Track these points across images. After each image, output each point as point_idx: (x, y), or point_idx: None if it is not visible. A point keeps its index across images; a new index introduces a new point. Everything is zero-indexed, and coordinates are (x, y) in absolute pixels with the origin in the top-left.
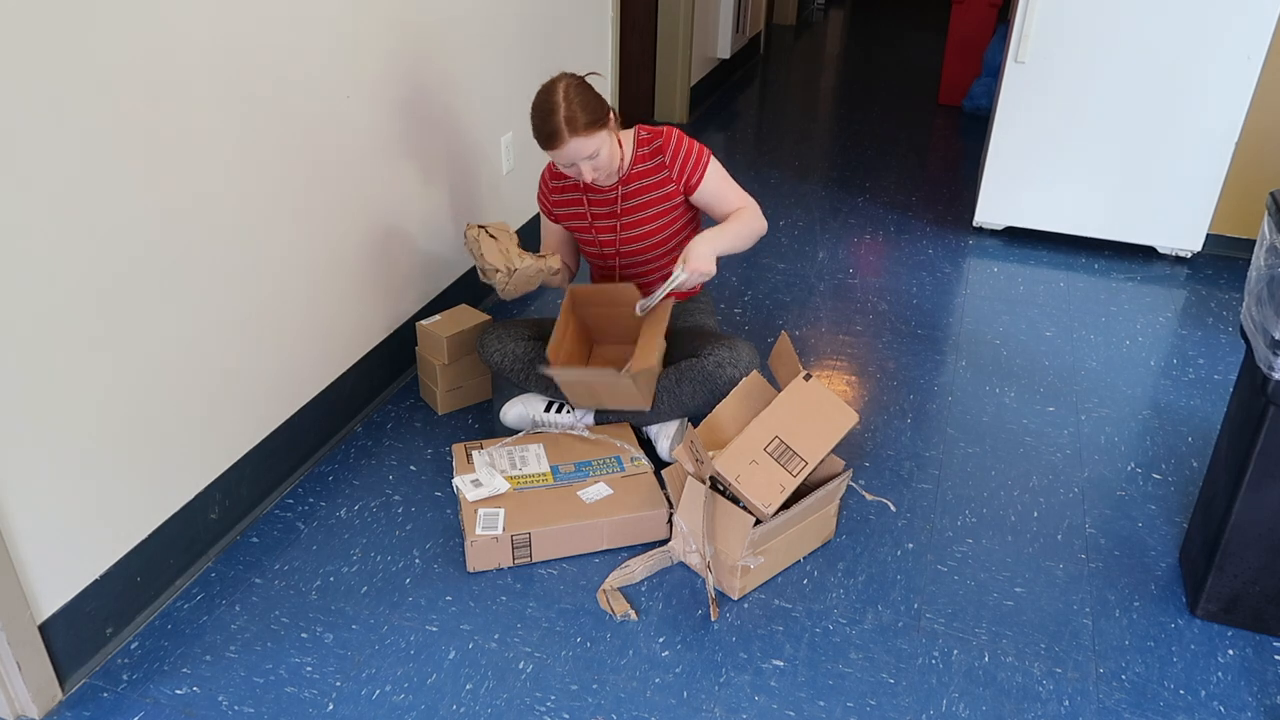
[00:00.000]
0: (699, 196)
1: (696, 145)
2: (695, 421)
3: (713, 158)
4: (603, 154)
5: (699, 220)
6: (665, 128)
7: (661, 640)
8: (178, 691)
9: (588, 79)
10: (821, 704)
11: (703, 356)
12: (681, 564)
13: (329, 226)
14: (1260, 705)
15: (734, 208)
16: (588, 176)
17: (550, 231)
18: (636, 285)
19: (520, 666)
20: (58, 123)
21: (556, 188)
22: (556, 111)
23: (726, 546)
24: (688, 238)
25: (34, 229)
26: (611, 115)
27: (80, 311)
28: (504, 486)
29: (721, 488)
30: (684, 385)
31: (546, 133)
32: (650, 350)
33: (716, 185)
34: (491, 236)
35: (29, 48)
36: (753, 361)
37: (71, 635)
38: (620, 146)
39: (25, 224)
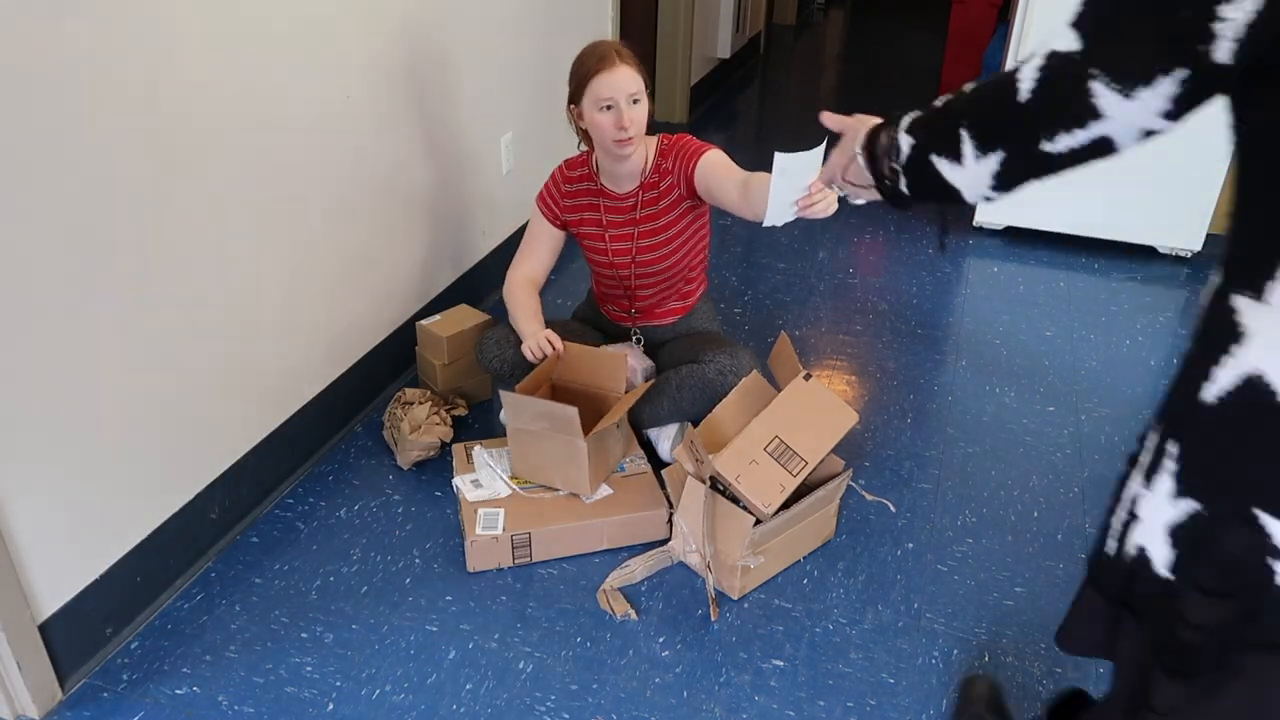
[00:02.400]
0: (700, 178)
1: (697, 140)
2: (695, 422)
3: (713, 149)
4: (641, 106)
5: (709, 237)
6: (680, 134)
7: (661, 640)
8: (178, 691)
9: None
10: (821, 704)
11: (704, 363)
12: (681, 564)
13: (329, 226)
14: None
15: (739, 176)
16: (625, 120)
17: (540, 236)
18: (638, 332)
19: (520, 666)
20: (59, 127)
21: (570, 192)
22: (608, 43)
23: (726, 546)
24: (700, 256)
25: (34, 231)
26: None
27: (80, 312)
28: (505, 491)
29: (721, 488)
30: (684, 391)
31: (599, 54)
32: (615, 415)
33: (715, 164)
34: (407, 405)
35: (30, 53)
36: (753, 370)
37: (71, 635)
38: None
39: (25, 226)
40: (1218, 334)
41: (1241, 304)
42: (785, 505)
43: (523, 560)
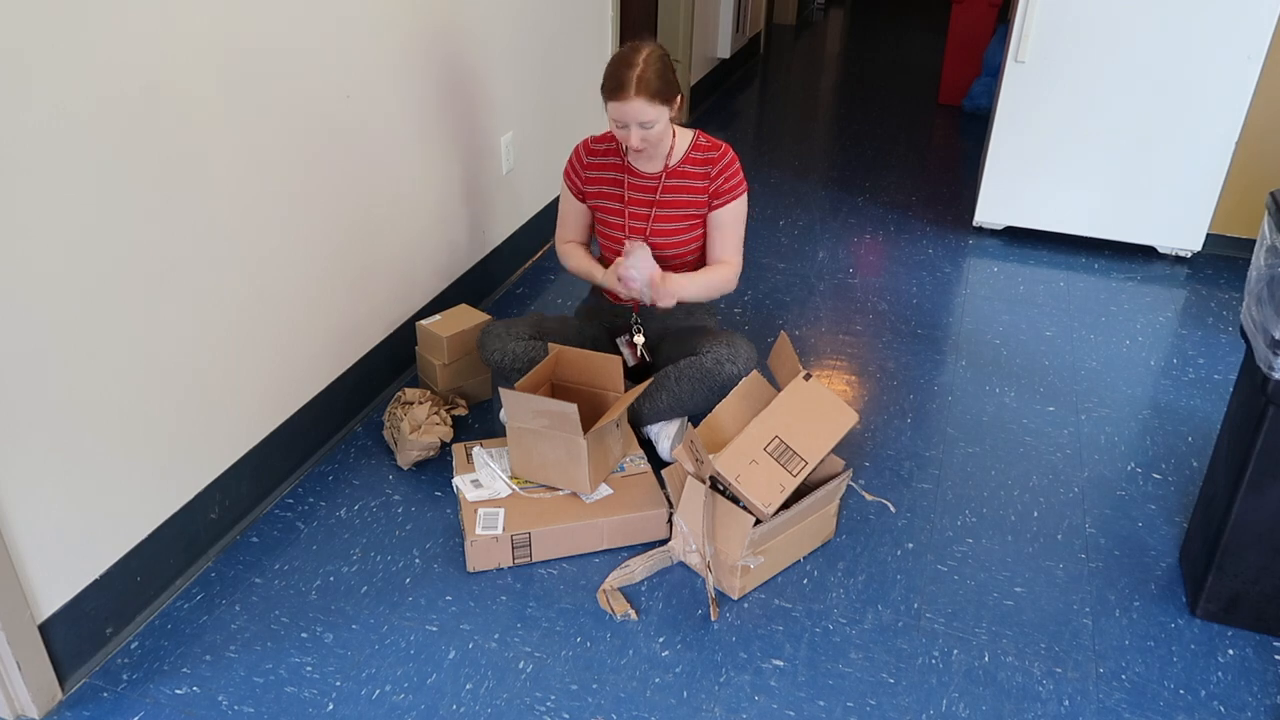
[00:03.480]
0: (713, 217)
1: (741, 174)
2: (695, 421)
3: (746, 195)
4: (656, 128)
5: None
6: (724, 144)
7: (661, 640)
8: (178, 691)
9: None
10: (821, 704)
11: (701, 354)
12: (681, 564)
13: (329, 226)
14: (1260, 705)
15: (725, 252)
16: (634, 141)
17: (572, 211)
18: (638, 320)
19: (520, 666)
20: (57, 123)
21: (594, 164)
22: (633, 67)
23: (726, 546)
24: (704, 253)
25: (33, 229)
26: (679, 99)
27: (80, 312)
28: (505, 491)
29: (721, 488)
30: (683, 383)
31: (616, 82)
32: (615, 413)
33: (730, 220)
34: (407, 404)
35: (28, 43)
36: (751, 358)
37: (71, 635)
38: (674, 137)
39: (25, 224)
40: None
41: None
42: (785, 505)
43: (523, 560)
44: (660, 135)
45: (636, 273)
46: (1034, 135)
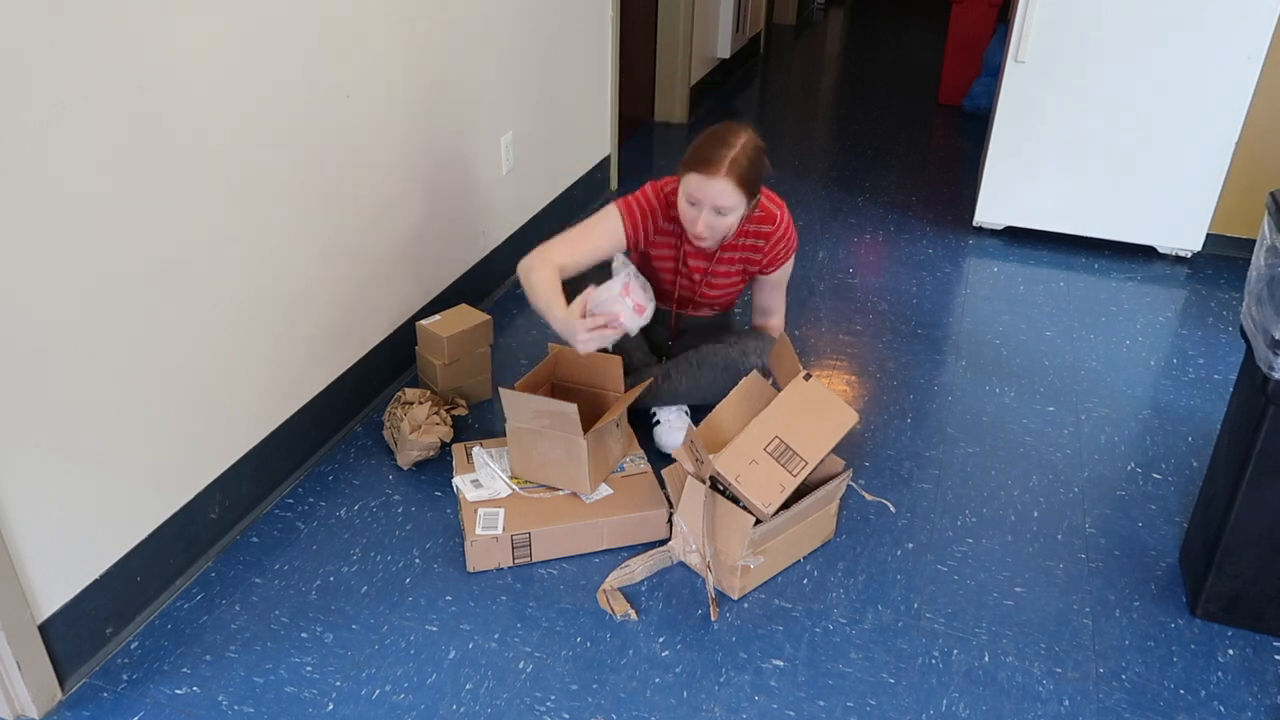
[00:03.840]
0: (764, 279)
1: (795, 237)
2: (710, 404)
3: (791, 260)
4: (728, 219)
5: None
6: (780, 210)
7: (661, 640)
8: (178, 691)
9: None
10: (821, 704)
11: (728, 344)
12: (681, 564)
13: (329, 226)
14: (1260, 705)
15: (774, 304)
16: (700, 227)
17: (603, 241)
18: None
19: (520, 666)
20: (57, 123)
21: (663, 228)
22: (731, 147)
23: (726, 546)
24: (737, 295)
25: (33, 229)
26: (758, 200)
27: (80, 312)
28: (505, 491)
29: (721, 487)
30: (704, 369)
31: (708, 157)
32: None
33: (780, 279)
34: (407, 404)
35: (28, 43)
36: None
37: (71, 635)
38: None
39: (25, 224)
40: None
41: None
42: (785, 505)
43: (523, 560)
44: (728, 228)
45: (629, 300)
46: (1034, 135)
